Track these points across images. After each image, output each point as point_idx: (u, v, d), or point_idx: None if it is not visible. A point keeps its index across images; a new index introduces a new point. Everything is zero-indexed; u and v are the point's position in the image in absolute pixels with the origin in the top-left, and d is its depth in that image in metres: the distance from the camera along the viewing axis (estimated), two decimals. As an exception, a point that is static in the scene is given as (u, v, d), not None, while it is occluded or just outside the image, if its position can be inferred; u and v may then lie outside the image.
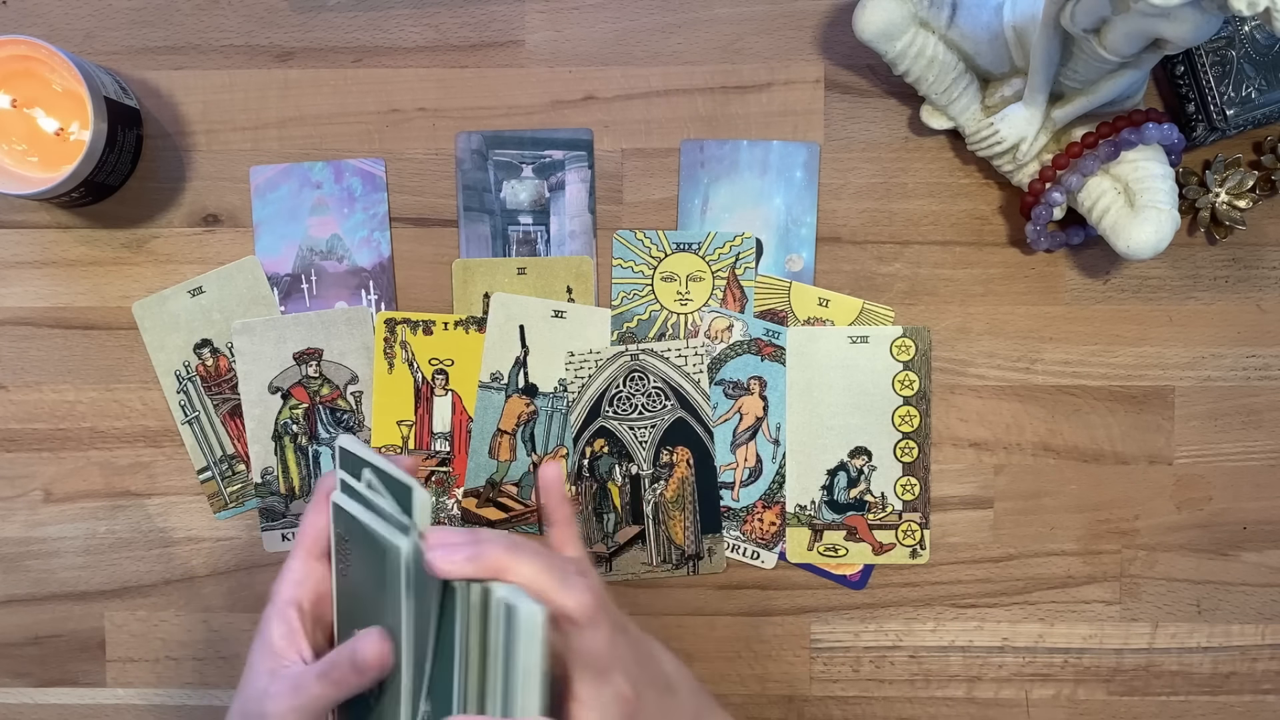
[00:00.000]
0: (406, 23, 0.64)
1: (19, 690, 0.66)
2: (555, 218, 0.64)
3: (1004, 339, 0.65)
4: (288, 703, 0.44)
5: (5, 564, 0.65)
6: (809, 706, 0.65)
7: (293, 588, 0.47)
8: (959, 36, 0.58)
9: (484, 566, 0.41)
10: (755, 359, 0.64)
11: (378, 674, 0.43)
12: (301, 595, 0.47)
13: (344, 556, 0.47)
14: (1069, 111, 0.58)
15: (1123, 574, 0.65)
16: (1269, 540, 0.65)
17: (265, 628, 0.47)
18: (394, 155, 0.64)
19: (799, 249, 0.64)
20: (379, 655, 0.43)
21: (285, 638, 0.46)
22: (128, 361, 0.65)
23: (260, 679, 0.45)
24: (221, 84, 0.64)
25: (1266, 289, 0.64)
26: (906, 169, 0.64)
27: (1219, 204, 0.63)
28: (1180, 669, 0.65)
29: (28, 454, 0.65)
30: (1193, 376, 0.65)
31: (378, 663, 0.43)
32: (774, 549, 0.65)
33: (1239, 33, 0.59)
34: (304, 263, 0.65)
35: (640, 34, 0.64)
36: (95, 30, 0.64)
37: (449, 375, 0.64)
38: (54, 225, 0.65)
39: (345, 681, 0.43)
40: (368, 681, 0.43)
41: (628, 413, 0.64)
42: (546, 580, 0.42)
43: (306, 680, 0.44)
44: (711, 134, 0.64)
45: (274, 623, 0.46)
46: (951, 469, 0.65)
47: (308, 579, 0.47)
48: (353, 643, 0.43)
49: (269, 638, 0.46)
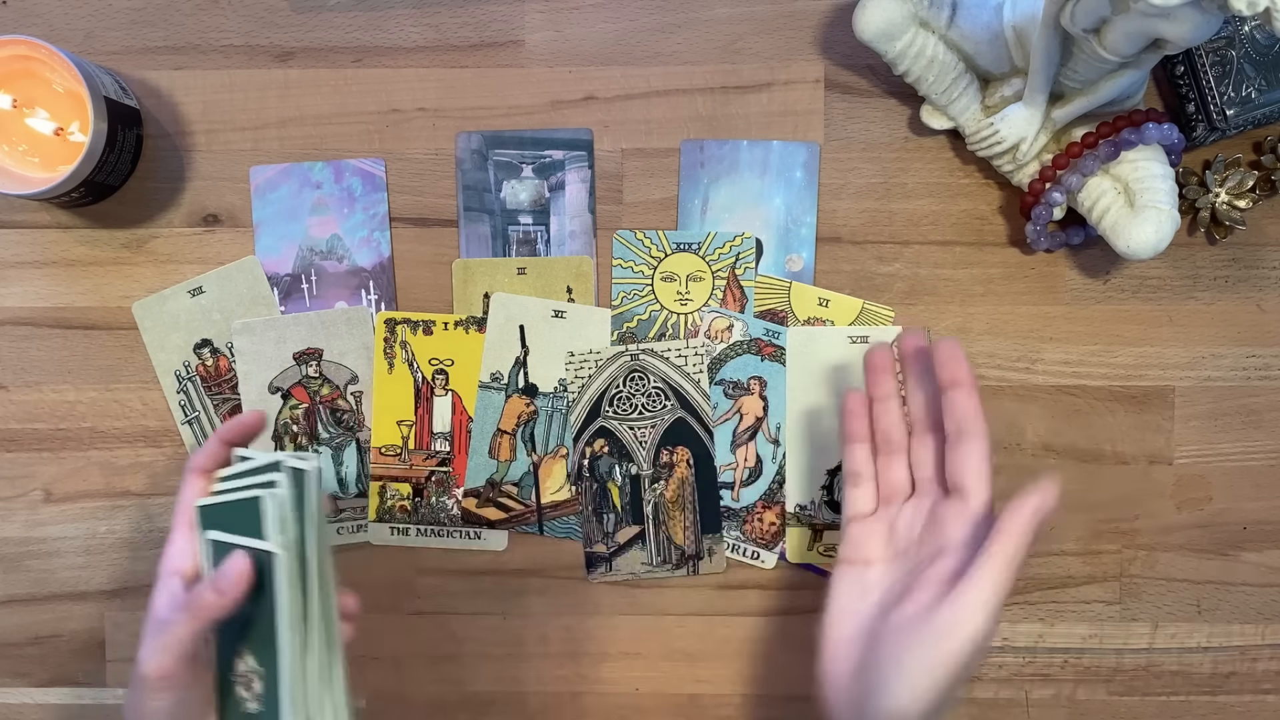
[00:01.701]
0: (406, 23, 0.64)
1: (19, 690, 0.66)
2: (555, 218, 0.64)
3: (1004, 339, 0.65)
4: (154, 642, 0.47)
5: (5, 564, 0.65)
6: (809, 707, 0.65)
7: (174, 560, 0.50)
8: (959, 36, 0.58)
9: None
10: (755, 359, 0.64)
11: (237, 593, 0.47)
12: (184, 565, 0.50)
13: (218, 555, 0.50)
14: (1069, 111, 0.58)
15: (1123, 574, 0.65)
16: (1269, 540, 0.65)
17: (151, 602, 0.50)
18: (394, 155, 0.64)
19: (799, 249, 0.64)
20: (239, 571, 0.47)
21: (168, 605, 0.49)
22: (128, 361, 0.65)
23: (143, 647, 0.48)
24: (221, 84, 0.64)
25: (1266, 289, 0.64)
26: (906, 169, 0.64)
27: (1219, 204, 0.63)
28: (1180, 669, 0.65)
29: (28, 454, 0.65)
30: (1193, 376, 0.65)
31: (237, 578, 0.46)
32: (774, 549, 0.65)
33: (1239, 33, 0.59)
34: (304, 263, 0.65)
35: (640, 34, 0.64)
36: (95, 30, 0.64)
37: (449, 375, 0.64)
38: (54, 225, 0.65)
39: (205, 604, 0.47)
40: (228, 603, 0.46)
41: (628, 413, 0.64)
42: None
43: (171, 615, 0.47)
44: (711, 134, 0.64)
45: (159, 594, 0.50)
46: (951, 469, 0.65)
47: (187, 550, 0.50)
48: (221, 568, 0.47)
49: (155, 609, 0.49)
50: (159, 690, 0.47)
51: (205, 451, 0.52)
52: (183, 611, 0.47)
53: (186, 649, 0.47)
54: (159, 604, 0.49)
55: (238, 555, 0.47)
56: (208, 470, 0.51)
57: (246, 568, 0.47)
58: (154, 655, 0.47)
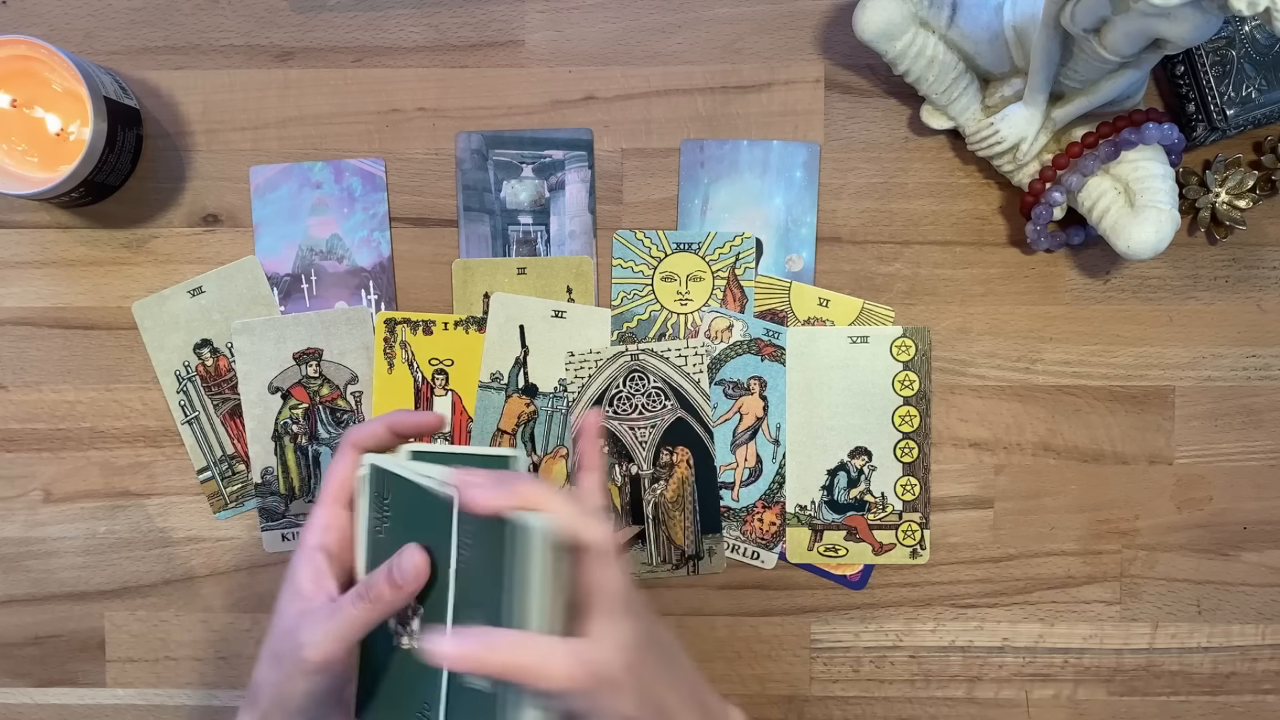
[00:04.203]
0: (406, 23, 0.64)
1: (19, 690, 0.66)
2: (555, 218, 0.64)
3: (1004, 339, 0.65)
4: (324, 627, 0.45)
5: (5, 564, 0.65)
6: (809, 707, 0.65)
7: (319, 533, 0.48)
8: (959, 36, 0.58)
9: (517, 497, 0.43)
10: (755, 359, 0.64)
11: (415, 587, 0.44)
12: (328, 540, 0.48)
13: (381, 514, 0.48)
14: (1069, 111, 0.58)
15: (1123, 574, 0.65)
16: (1269, 540, 0.65)
17: (292, 573, 0.48)
18: (394, 155, 0.64)
19: (799, 249, 0.64)
20: (416, 567, 0.44)
21: (313, 580, 0.47)
22: (128, 361, 0.65)
23: (289, 620, 0.46)
24: (221, 84, 0.64)
25: (1266, 289, 0.64)
26: (906, 169, 0.64)
27: (1219, 204, 0.63)
28: (1180, 669, 0.65)
29: (28, 454, 0.65)
30: (1193, 376, 0.65)
31: (415, 574, 0.44)
32: (774, 549, 0.65)
33: (1239, 33, 0.59)
34: (304, 263, 0.64)
35: (640, 34, 0.64)
36: (95, 30, 0.64)
37: (449, 375, 0.64)
38: (54, 225, 0.65)
39: (382, 598, 0.44)
40: (404, 597, 0.44)
41: (628, 413, 0.64)
42: (572, 510, 0.43)
43: (342, 603, 0.45)
44: (711, 134, 0.64)
45: (302, 567, 0.47)
46: (951, 469, 0.65)
47: (333, 525, 0.48)
48: (391, 560, 0.45)
49: (297, 581, 0.47)
50: (315, 674, 0.45)
51: (368, 430, 0.50)
52: (360, 601, 0.45)
53: (358, 638, 0.45)
54: (302, 578, 0.47)
55: (412, 549, 0.45)
56: (364, 448, 0.50)
57: (423, 562, 0.45)
58: (324, 641, 0.44)
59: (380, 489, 0.48)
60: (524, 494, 0.43)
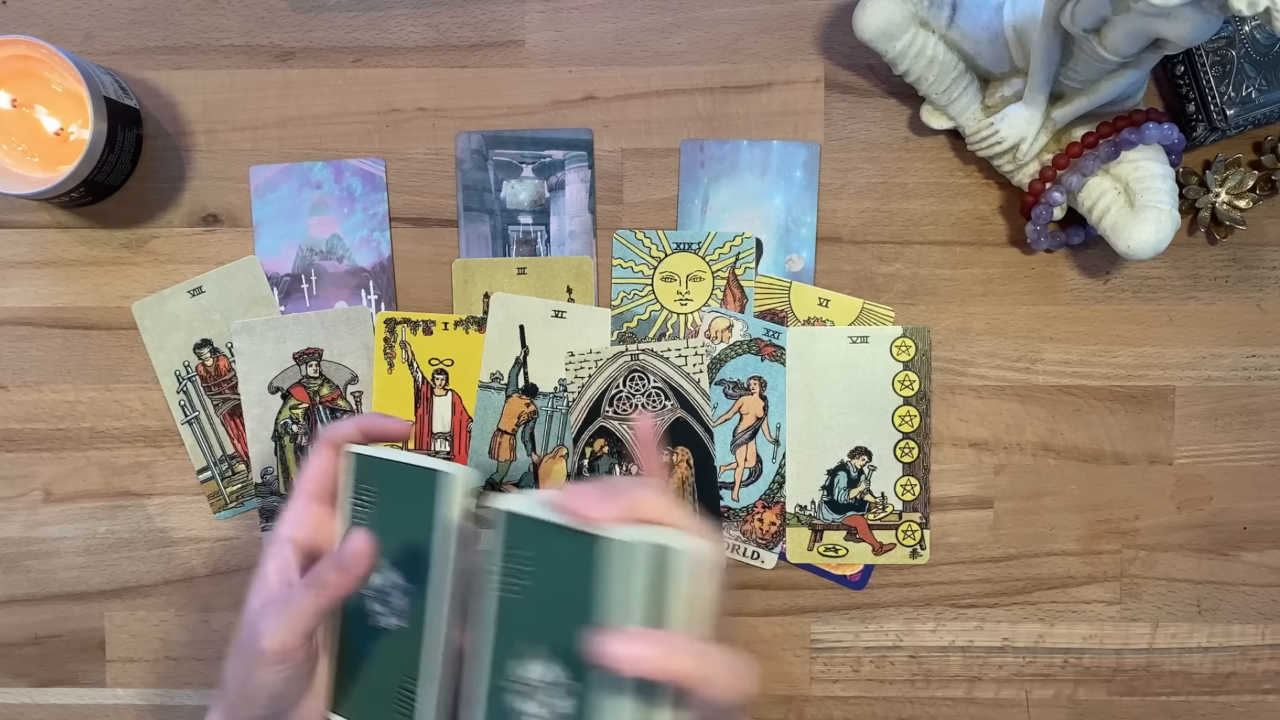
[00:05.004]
0: (406, 23, 0.64)
1: (19, 690, 0.66)
2: (555, 218, 0.64)
3: (1004, 339, 0.65)
4: (278, 617, 0.45)
5: (5, 564, 0.65)
6: (809, 706, 0.65)
7: (290, 526, 0.49)
8: (959, 36, 0.58)
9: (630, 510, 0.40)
10: (755, 359, 0.64)
11: (360, 571, 0.45)
12: (298, 533, 0.49)
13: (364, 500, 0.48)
14: (1069, 111, 0.58)
15: (1123, 574, 0.65)
16: (1269, 540, 0.65)
17: (261, 565, 0.48)
18: (394, 155, 0.64)
19: (799, 249, 0.64)
20: (359, 551, 0.44)
21: (278, 571, 0.48)
22: (128, 361, 0.65)
23: (253, 611, 0.47)
24: (221, 84, 0.64)
25: (1266, 289, 0.64)
26: (906, 169, 0.64)
27: (1219, 204, 0.63)
28: (1180, 669, 0.65)
29: (28, 454, 0.65)
30: (1193, 376, 0.65)
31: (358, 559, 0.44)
32: (774, 549, 0.65)
33: (1239, 33, 0.59)
34: (304, 263, 0.65)
35: (640, 34, 0.64)
36: (95, 30, 0.64)
37: (449, 375, 0.64)
38: (54, 225, 0.65)
39: (329, 584, 0.45)
40: (352, 581, 0.45)
41: (628, 413, 0.64)
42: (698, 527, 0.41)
43: (294, 592, 0.45)
44: (711, 134, 0.64)
45: (270, 559, 0.48)
46: (951, 469, 0.65)
47: (305, 518, 0.49)
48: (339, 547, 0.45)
49: (264, 572, 0.48)
50: (275, 665, 0.45)
51: (342, 429, 0.50)
52: (308, 589, 0.45)
53: (310, 626, 0.45)
54: (269, 570, 0.48)
55: (356, 534, 0.45)
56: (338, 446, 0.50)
57: (365, 545, 0.45)
58: (278, 630, 0.45)
59: (362, 477, 0.48)
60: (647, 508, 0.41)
